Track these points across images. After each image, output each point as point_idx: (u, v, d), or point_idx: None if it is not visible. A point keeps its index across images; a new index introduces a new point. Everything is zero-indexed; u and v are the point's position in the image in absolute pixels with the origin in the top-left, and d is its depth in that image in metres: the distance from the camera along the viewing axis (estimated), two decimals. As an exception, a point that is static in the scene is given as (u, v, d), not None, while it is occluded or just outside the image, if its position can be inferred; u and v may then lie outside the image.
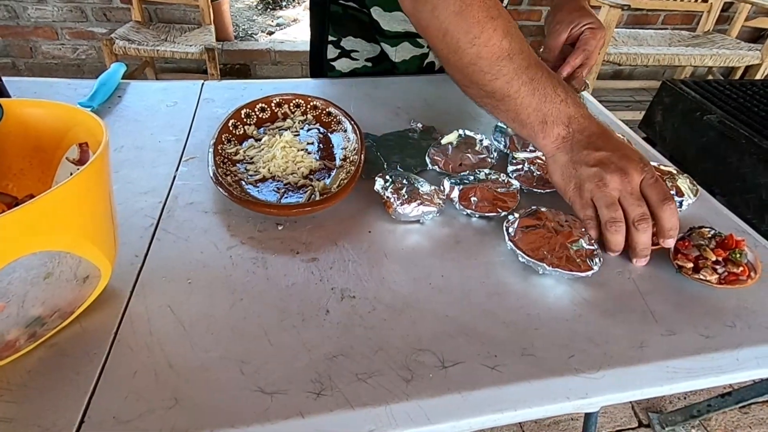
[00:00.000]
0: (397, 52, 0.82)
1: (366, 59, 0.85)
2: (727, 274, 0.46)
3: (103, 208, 0.37)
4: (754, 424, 1.14)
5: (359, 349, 0.39)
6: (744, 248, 0.48)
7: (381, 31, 0.80)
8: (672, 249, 0.48)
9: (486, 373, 0.38)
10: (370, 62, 0.86)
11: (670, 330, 0.43)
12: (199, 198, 0.55)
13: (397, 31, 0.80)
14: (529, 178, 0.58)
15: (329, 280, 0.45)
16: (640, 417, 1.14)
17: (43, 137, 0.42)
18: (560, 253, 0.46)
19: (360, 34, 0.83)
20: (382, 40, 0.82)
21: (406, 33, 0.80)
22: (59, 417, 0.33)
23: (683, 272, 0.47)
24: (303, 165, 0.60)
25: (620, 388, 0.38)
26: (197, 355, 0.38)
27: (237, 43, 2.47)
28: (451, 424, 0.35)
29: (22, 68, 2.33)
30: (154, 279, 0.44)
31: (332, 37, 0.84)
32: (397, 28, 0.79)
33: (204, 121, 0.69)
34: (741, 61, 2.03)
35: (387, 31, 0.80)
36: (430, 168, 0.61)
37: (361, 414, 0.35)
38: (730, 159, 1.18)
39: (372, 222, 0.53)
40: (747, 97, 1.35)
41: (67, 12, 2.19)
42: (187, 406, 0.34)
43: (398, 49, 0.82)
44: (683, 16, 2.57)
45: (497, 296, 0.45)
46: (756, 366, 0.40)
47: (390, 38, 0.81)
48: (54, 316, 0.36)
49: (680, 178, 0.57)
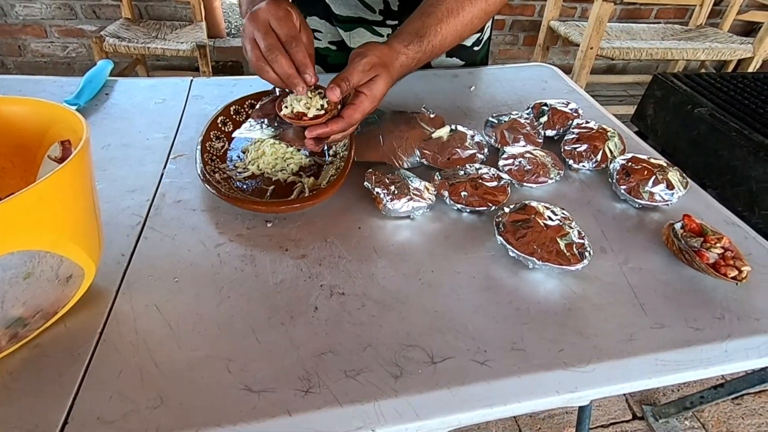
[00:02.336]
0: (352, 37, 0.81)
1: (329, 42, 0.84)
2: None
3: (86, 206, 0.37)
4: (746, 415, 1.15)
5: (348, 346, 0.39)
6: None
7: (334, 14, 0.79)
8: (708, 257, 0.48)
9: (475, 368, 0.38)
10: (334, 45, 0.84)
11: (659, 323, 0.43)
12: (187, 196, 0.54)
13: (348, 16, 0.78)
14: (519, 172, 0.58)
15: (318, 277, 0.45)
16: (634, 409, 1.15)
17: (24, 135, 0.41)
18: (550, 247, 0.46)
19: (325, 16, 0.82)
20: (337, 25, 0.81)
21: (360, 18, 0.79)
22: (42, 419, 0.32)
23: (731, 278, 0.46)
24: (292, 161, 0.59)
25: (610, 382, 0.38)
26: (184, 354, 0.37)
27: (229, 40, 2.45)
28: (440, 419, 0.35)
29: (10, 67, 2.30)
30: (140, 278, 0.44)
31: None
32: (348, 13, 0.78)
33: (193, 119, 0.68)
34: (733, 55, 2.03)
35: (339, 15, 0.79)
36: (419, 162, 0.61)
37: (349, 411, 0.34)
38: (721, 152, 1.19)
39: (362, 218, 0.52)
40: (737, 90, 1.36)
41: (55, 9, 2.16)
42: (172, 406, 0.34)
43: (353, 35, 0.81)
44: (676, 10, 2.57)
45: (487, 291, 0.45)
46: (745, 357, 0.40)
47: (343, 22, 0.80)
48: (36, 316, 0.35)
49: (671, 171, 0.57)
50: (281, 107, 0.52)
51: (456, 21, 0.58)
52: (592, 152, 0.62)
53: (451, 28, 0.58)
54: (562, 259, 0.45)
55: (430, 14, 0.57)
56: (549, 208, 0.50)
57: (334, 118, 0.50)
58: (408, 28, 0.57)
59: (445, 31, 0.57)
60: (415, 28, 0.57)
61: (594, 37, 1.86)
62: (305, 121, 0.50)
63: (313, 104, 0.51)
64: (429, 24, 0.57)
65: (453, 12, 0.58)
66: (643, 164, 0.57)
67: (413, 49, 0.55)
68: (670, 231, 0.50)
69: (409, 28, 0.57)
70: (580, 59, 1.93)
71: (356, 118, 0.51)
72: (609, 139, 0.63)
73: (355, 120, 0.51)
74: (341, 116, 0.50)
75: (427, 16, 0.57)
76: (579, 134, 0.64)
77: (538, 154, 0.60)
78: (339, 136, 0.52)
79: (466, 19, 0.59)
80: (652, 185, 0.55)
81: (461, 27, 0.59)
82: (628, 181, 0.56)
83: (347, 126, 0.51)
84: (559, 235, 0.47)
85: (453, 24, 0.58)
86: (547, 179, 0.58)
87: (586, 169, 0.62)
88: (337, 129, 0.50)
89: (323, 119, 0.50)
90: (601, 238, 0.52)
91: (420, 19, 0.57)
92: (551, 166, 0.59)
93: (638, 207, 0.57)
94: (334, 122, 0.50)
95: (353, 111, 0.50)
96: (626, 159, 0.59)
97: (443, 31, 0.57)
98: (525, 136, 0.64)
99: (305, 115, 0.50)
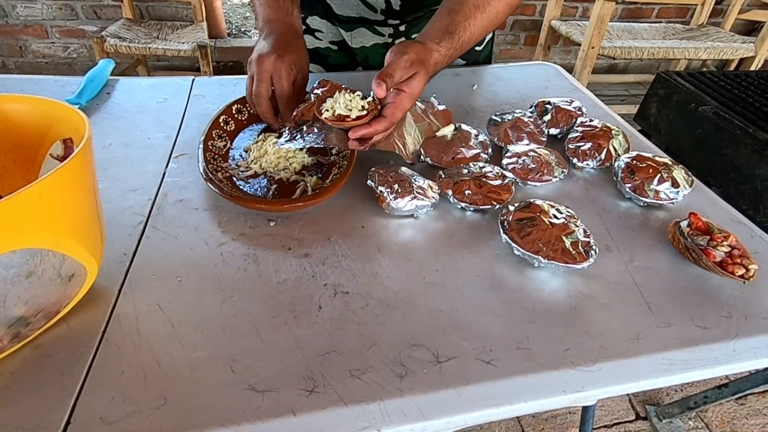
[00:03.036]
0: (353, 37, 0.81)
1: (330, 41, 0.84)
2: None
3: (88, 205, 0.36)
4: (750, 415, 1.14)
5: (352, 346, 0.39)
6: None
7: (335, 14, 0.79)
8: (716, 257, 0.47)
9: (481, 367, 0.38)
10: (335, 45, 0.84)
11: (666, 322, 0.42)
12: (189, 195, 0.54)
13: (350, 16, 0.78)
14: (523, 170, 0.58)
15: (322, 276, 0.45)
16: (638, 409, 1.15)
17: (25, 133, 0.41)
18: (556, 245, 0.46)
19: (326, 16, 0.82)
20: (338, 25, 0.81)
21: (361, 18, 0.78)
22: (44, 419, 0.32)
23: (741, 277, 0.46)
24: (295, 160, 0.59)
25: (617, 381, 0.38)
26: (186, 354, 0.37)
27: (230, 40, 2.45)
28: (446, 419, 0.35)
29: (12, 67, 2.30)
30: (142, 277, 0.43)
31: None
32: (349, 13, 0.78)
33: (194, 118, 0.68)
34: (735, 54, 2.03)
35: (340, 15, 0.79)
36: (423, 161, 0.61)
37: (354, 411, 0.34)
38: (725, 150, 1.18)
39: (365, 217, 0.52)
40: (741, 88, 1.35)
41: (56, 10, 2.16)
42: (175, 406, 0.34)
43: (354, 34, 0.81)
44: (677, 9, 2.57)
45: (492, 290, 0.45)
46: (753, 357, 0.40)
47: (344, 22, 0.80)
48: (38, 315, 0.35)
49: (676, 169, 0.56)
50: (321, 112, 0.52)
51: (483, 16, 0.59)
52: (597, 150, 0.61)
53: (478, 23, 0.59)
54: (567, 258, 0.45)
55: (457, 11, 0.58)
56: (554, 207, 0.50)
57: (376, 118, 0.51)
58: (437, 25, 0.58)
59: (473, 27, 0.58)
60: (444, 25, 0.57)
61: (595, 36, 1.85)
62: (348, 122, 0.50)
63: (354, 105, 0.51)
64: (457, 21, 0.57)
65: (479, 7, 0.58)
66: (647, 162, 0.57)
67: (445, 47, 0.56)
68: (676, 229, 0.50)
69: (438, 26, 0.58)
70: (581, 59, 1.92)
71: (398, 116, 0.51)
72: (613, 138, 0.62)
73: (397, 118, 0.52)
74: (383, 116, 0.51)
75: (455, 13, 0.58)
76: (583, 132, 0.64)
77: (542, 153, 0.60)
78: (381, 137, 0.53)
79: (491, 14, 0.60)
80: (657, 183, 0.55)
81: (487, 22, 0.60)
82: (632, 180, 0.56)
83: (390, 125, 0.52)
84: (564, 233, 0.47)
85: (480, 19, 0.59)
86: (551, 178, 0.58)
87: (590, 167, 0.62)
88: (381, 128, 0.51)
89: (366, 119, 0.50)
90: (606, 236, 0.51)
91: (448, 16, 0.58)
92: (555, 165, 0.59)
93: (643, 205, 0.56)
94: (377, 122, 0.50)
95: (395, 109, 0.51)
96: (631, 157, 0.59)
97: (471, 27, 0.58)
98: (528, 134, 0.64)
99: (348, 117, 0.50)
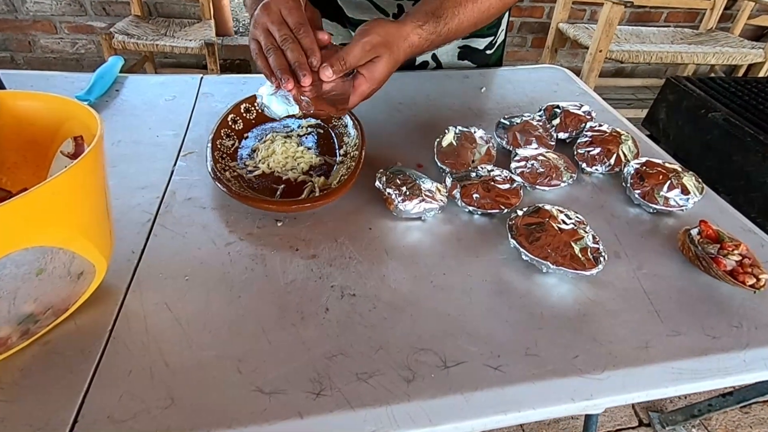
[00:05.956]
0: None
1: (341, 44, 0.84)
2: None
3: (98, 203, 0.36)
4: (755, 424, 1.14)
5: (359, 348, 0.38)
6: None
7: (346, 17, 0.78)
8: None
9: (489, 373, 0.37)
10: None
11: (675, 330, 0.42)
12: (197, 193, 0.54)
13: (361, 19, 0.77)
14: (532, 174, 0.58)
15: (329, 278, 0.45)
16: (641, 416, 1.14)
17: (37, 130, 0.41)
18: (564, 251, 0.46)
19: (336, 19, 0.81)
20: (349, 27, 0.80)
21: None
22: (52, 416, 0.32)
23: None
24: (303, 161, 0.59)
25: (626, 390, 0.37)
26: (194, 354, 0.37)
27: (237, 38, 2.45)
28: (453, 425, 0.34)
29: (20, 62, 2.31)
30: (150, 276, 0.43)
31: None
32: (361, 16, 0.77)
33: (203, 116, 0.68)
34: (744, 59, 2.01)
35: (352, 18, 0.78)
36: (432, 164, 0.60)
37: (361, 414, 0.34)
38: (735, 157, 1.17)
39: (373, 219, 0.52)
40: (752, 94, 1.34)
41: (65, 6, 2.17)
42: (183, 406, 0.34)
43: None
44: (686, 13, 2.55)
45: (500, 295, 0.44)
46: (764, 367, 0.40)
47: (355, 25, 0.79)
48: (47, 313, 0.35)
49: (686, 176, 0.56)
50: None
51: (474, 6, 0.57)
52: (606, 156, 0.61)
53: (468, 12, 0.57)
54: (576, 264, 0.45)
55: None
56: (563, 212, 0.50)
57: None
58: (424, 7, 0.55)
59: (462, 15, 0.56)
60: (432, 7, 0.55)
61: (603, 39, 1.84)
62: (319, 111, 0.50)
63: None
64: (447, 6, 0.55)
65: None
66: (657, 168, 0.57)
67: (428, 30, 0.54)
68: (685, 237, 0.49)
69: (425, 8, 0.55)
70: (588, 62, 1.92)
71: (355, 101, 0.50)
72: (623, 143, 0.62)
73: (353, 104, 0.50)
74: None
75: None
76: (592, 137, 0.63)
77: (550, 157, 0.59)
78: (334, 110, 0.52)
79: (483, 6, 0.58)
80: (667, 190, 0.55)
81: (478, 14, 0.58)
82: (642, 186, 0.56)
83: (347, 110, 0.51)
84: (573, 239, 0.46)
85: (471, 9, 0.57)
86: (559, 182, 0.57)
87: (599, 172, 0.61)
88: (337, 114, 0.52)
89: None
90: (615, 242, 0.51)
91: (438, 0, 0.56)
92: (564, 169, 0.58)
93: (652, 212, 0.56)
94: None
95: (352, 95, 0.50)
96: (640, 163, 0.58)
97: (461, 15, 0.56)
98: (537, 138, 0.64)
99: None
